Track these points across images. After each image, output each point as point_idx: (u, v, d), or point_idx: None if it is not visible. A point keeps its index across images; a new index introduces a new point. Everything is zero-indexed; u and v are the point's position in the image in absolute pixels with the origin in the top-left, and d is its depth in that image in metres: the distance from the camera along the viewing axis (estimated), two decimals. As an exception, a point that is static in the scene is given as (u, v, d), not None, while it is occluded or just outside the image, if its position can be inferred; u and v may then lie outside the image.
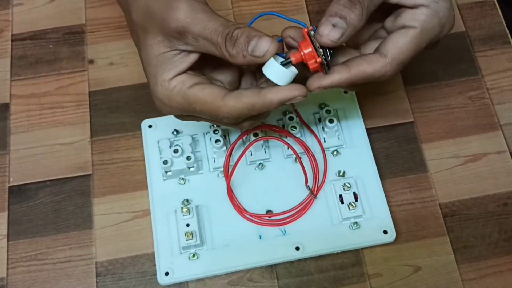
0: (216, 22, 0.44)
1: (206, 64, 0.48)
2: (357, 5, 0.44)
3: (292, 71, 0.44)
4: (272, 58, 0.44)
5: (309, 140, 0.57)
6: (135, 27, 0.47)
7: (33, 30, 0.65)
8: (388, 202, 0.55)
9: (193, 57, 0.46)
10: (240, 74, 0.49)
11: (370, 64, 0.46)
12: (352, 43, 0.49)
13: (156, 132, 0.58)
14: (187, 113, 0.47)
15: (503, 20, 0.64)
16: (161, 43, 0.45)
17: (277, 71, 0.44)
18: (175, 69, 0.45)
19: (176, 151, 0.55)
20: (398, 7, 0.47)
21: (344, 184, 0.54)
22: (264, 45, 0.43)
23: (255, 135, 0.56)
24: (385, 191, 0.55)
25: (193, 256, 0.53)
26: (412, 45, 0.46)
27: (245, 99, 0.44)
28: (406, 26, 0.46)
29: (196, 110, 0.46)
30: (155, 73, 0.46)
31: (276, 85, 0.44)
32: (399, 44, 0.46)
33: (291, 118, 0.57)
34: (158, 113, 0.59)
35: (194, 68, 0.46)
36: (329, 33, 0.44)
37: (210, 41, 0.44)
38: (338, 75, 0.45)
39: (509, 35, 0.63)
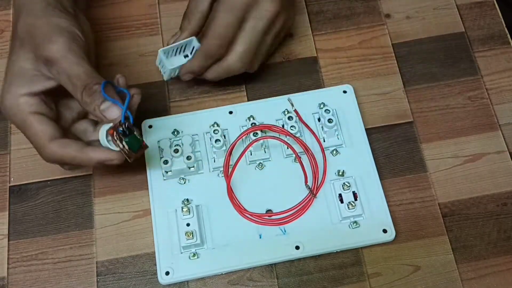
0: (81, 68, 0.49)
1: (62, 93, 0.51)
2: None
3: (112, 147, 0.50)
4: (103, 126, 0.49)
5: (309, 140, 0.57)
6: (15, 36, 0.51)
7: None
8: (387, 201, 0.55)
9: (50, 84, 0.50)
10: (85, 113, 0.54)
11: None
12: None
13: (156, 132, 0.58)
14: (18, 128, 0.51)
15: (502, 21, 0.64)
16: (29, 59, 0.50)
17: (103, 139, 0.50)
18: (30, 87, 0.50)
19: (176, 151, 0.55)
20: None
21: (344, 183, 0.54)
22: (116, 113, 0.48)
23: (255, 135, 0.56)
24: (384, 191, 0.55)
25: (194, 255, 0.53)
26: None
27: (68, 150, 0.49)
28: None
29: (26, 134, 0.50)
30: (12, 82, 0.50)
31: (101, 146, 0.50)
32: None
33: (290, 118, 0.57)
34: (159, 113, 0.60)
35: (50, 93, 0.51)
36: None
37: (70, 81, 0.49)
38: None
39: (508, 36, 0.63)
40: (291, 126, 0.57)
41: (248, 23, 0.55)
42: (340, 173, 0.56)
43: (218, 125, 0.58)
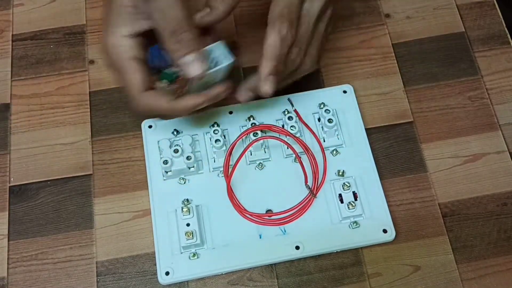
0: (176, 11, 0.47)
1: (153, 38, 0.50)
2: None
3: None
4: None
5: (309, 140, 0.57)
6: None
7: (34, 31, 0.65)
8: (387, 201, 0.55)
9: (148, 24, 0.49)
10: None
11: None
12: None
13: (156, 132, 0.58)
14: (111, 70, 0.51)
15: (502, 20, 0.64)
16: None
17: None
18: (131, 26, 0.49)
19: (176, 151, 0.55)
20: None
21: (344, 183, 0.54)
22: (196, 70, 0.47)
23: (255, 135, 0.56)
24: (384, 191, 0.55)
25: (194, 255, 0.53)
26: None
27: (161, 102, 0.49)
28: None
29: (120, 79, 0.50)
30: (113, 22, 0.49)
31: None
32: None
33: (290, 118, 0.57)
34: (159, 113, 0.59)
35: (146, 35, 0.49)
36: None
37: (162, 21, 0.47)
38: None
39: (508, 35, 0.63)
40: (291, 126, 0.57)
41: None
42: (340, 173, 0.56)
43: (218, 125, 0.58)
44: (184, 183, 0.56)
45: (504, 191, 0.56)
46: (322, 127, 0.57)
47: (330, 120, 0.56)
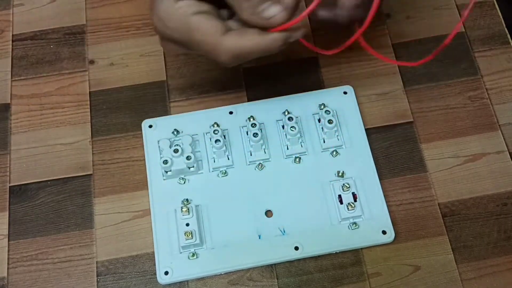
0: None
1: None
2: None
3: None
4: None
5: (309, 140, 0.57)
6: None
7: (34, 31, 0.65)
8: (387, 202, 0.55)
9: None
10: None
11: None
12: None
13: (156, 132, 0.58)
14: (181, 40, 0.45)
15: (502, 20, 0.64)
16: None
17: None
18: None
19: (176, 151, 0.55)
20: None
21: (343, 184, 0.54)
22: (275, 10, 0.42)
23: (255, 135, 0.56)
24: (384, 191, 0.55)
25: (193, 255, 0.53)
26: None
27: (248, 37, 0.44)
28: None
29: (194, 39, 0.44)
30: None
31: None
32: None
33: (290, 119, 0.57)
34: (159, 113, 0.60)
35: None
36: None
37: None
38: None
39: (508, 36, 0.63)
40: (291, 127, 0.57)
41: None
42: (340, 174, 0.56)
43: (218, 125, 0.58)
44: (184, 183, 0.56)
45: (504, 191, 0.56)
46: (322, 128, 0.57)
47: (330, 121, 0.56)
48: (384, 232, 0.53)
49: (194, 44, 0.45)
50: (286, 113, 0.58)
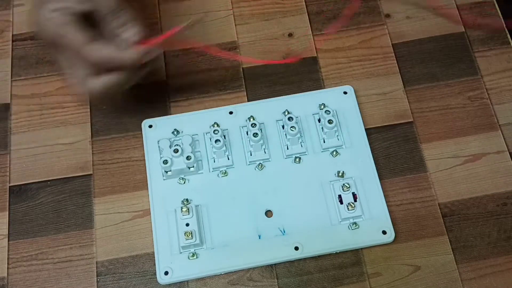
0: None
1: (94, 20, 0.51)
2: None
3: None
4: None
5: (309, 140, 0.57)
6: None
7: (34, 31, 0.65)
8: (387, 202, 0.55)
9: (83, 6, 0.50)
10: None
11: None
12: None
13: (156, 132, 0.58)
14: (54, 44, 0.51)
15: (502, 21, 0.64)
16: None
17: None
18: (64, 2, 0.50)
19: (176, 151, 0.55)
20: None
21: (343, 184, 0.54)
22: (131, 32, 0.50)
23: (255, 135, 0.56)
24: (384, 191, 0.55)
25: (193, 255, 0.53)
26: None
27: (106, 50, 0.50)
28: None
29: (62, 45, 0.50)
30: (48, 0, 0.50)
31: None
32: None
33: (290, 119, 0.57)
34: (159, 113, 0.60)
35: (84, 16, 0.50)
36: None
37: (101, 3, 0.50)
38: None
39: (508, 36, 0.63)
40: (291, 127, 0.57)
41: None
42: (340, 174, 0.56)
43: (218, 125, 0.58)
44: (184, 183, 0.56)
45: (504, 191, 0.56)
46: (322, 128, 0.57)
47: (330, 121, 0.56)
48: (384, 232, 0.54)
49: (64, 49, 0.51)
50: (286, 113, 0.58)
